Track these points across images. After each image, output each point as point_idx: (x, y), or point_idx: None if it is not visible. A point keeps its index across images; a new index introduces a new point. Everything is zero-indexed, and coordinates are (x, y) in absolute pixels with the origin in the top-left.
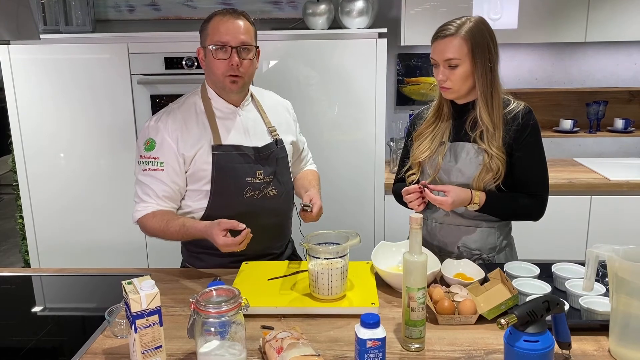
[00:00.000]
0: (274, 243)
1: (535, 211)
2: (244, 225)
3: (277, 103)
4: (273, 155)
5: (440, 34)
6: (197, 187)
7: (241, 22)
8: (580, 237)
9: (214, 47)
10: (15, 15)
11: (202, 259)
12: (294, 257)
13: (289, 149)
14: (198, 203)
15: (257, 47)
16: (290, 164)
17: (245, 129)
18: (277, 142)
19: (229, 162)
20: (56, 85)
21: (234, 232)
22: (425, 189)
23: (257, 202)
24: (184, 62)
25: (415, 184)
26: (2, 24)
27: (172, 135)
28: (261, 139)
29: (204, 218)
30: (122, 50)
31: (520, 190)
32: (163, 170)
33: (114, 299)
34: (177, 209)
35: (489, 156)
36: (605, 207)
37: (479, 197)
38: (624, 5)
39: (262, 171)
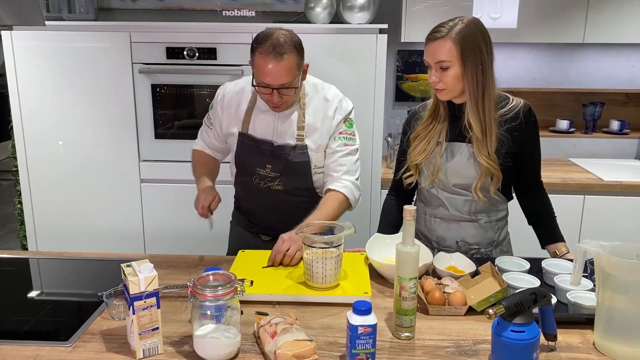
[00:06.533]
0: (277, 227)
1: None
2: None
3: (326, 104)
4: (284, 156)
5: (431, 37)
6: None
7: (283, 63)
8: (573, 236)
9: (257, 85)
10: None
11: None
12: None
13: (314, 156)
14: (233, 167)
15: (297, 87)
16: (313, 169)
17: (275, 127)
18: (297, 147)
19: (246, 150)
20: (58, 73)
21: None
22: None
23: (263, 189)
24: (185, 53)
25: (413, 185)
26: (4, 8)
27: (223, 108)
28: (283, 139)
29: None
30: (124, 39)
31: (530, 187)
32: (212, 129)
33: (112, 284)
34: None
35: (484, 164)
36: (598, 207)
37: (564, 245)
38: (622, 8)
39: (271, 166)
